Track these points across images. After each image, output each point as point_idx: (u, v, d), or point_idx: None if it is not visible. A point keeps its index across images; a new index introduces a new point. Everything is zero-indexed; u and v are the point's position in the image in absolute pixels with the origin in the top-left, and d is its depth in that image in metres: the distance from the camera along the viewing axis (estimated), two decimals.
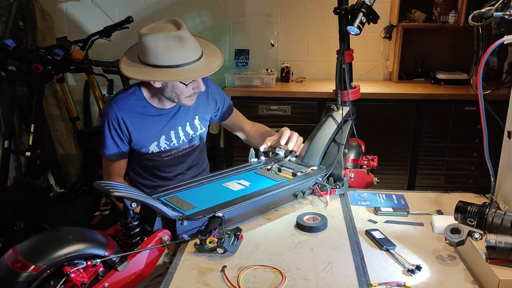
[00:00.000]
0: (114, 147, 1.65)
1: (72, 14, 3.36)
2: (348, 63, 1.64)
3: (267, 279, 1.01)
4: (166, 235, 1.17)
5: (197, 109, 1.76)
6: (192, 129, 1.76)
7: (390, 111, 2.84)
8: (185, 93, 1.58)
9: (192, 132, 1.76)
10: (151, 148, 1.68)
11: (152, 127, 1.66)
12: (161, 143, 1.70)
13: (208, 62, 1.58)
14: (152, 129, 1.67)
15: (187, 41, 1.50)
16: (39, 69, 2.49)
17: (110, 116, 1.62)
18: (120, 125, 1.63)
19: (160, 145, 1.70)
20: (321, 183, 1.45)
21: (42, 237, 1.15)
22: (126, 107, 1.63)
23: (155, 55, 1.49)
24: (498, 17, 1.17)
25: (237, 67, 3.24)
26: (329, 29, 3.22)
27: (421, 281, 1.01)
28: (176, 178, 1.79)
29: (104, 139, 1.65)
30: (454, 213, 1.11)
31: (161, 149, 1.70)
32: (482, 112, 1.19)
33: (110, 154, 1.66)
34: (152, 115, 1.66)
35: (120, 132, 1.64)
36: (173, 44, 1.48)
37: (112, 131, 1.63)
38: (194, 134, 1.77)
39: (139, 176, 1.80)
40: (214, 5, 3.26)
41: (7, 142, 2.58)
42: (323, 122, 1.66)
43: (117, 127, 1.63)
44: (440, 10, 2.99)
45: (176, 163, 1.78)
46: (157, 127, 1.67)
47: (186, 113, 1.73)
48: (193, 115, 1.76)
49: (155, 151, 1.69)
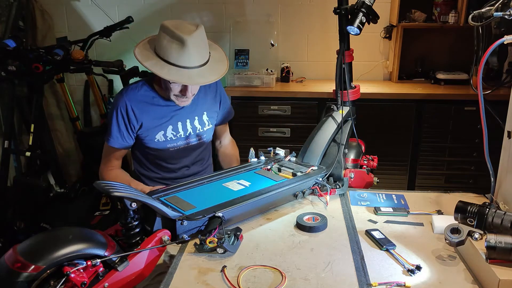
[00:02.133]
0: (119, 136, 1.68)
1: (72, 14, 3.35)
2: (348, 63, 1.64)
3: (267, 279, 1.01)
4: (166, 235, 1.17)
5: (206, 105, 1.80)
6: (200, 124, 1.79)
7: (390, 111, 2.84)
8: (172, 90, 1.61)
9: (200, 126, 1.79)
10: (157, 137, 1.71)
11: (160, 116, 1.70)
12: (168, 133, 1.72)
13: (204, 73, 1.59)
14: (160, 118, 1.70)
15: (187, 46, 1.52)
16: (39, 69, 2.48)
17: (120, 105, 1.66)
18: (128, 113, 1.66)
19: (167, 134, 1.72)
20: (321, 183, 1.45)
21: (42, 237, 1.15)
22: (136, 97, 1.68)
23: (160, 45, 1.56)
24: (498, 17, 1.17)
25: (237, 67, 3.23)
26: (329, 29, 3.22)
27: (421, 281, 1.01)
28: (179, 171, 1.80)
29: (110, 127, 1.69)
30: (454, 213, 1.11)
31: (167, 138, 1.73)
32: (482, 112, 1.19)
33: (113, 142, 1.70)
34: (160, 105, 1.70)
35: (127, 121, 1.67)
36: (175, 43, 1.52)
37: (120, 119, 1.66)
38: (202, 129, 1.80)
39: (143, 168, 1.81)
40: (214, 5, 3.26)
41: (7, 142, 2.57)
42: (323, 122, 1.66)
43: (125, 115, 1.66)
44: (440, 10, 2.98)
45: (181, 156, 1.79)
46: (164, 117, 1.71)
47: (195, 108, 1.76)
48: (202, 110, 1.79)
49: (161, 140, 1.72)
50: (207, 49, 1.62)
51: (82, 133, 3.03)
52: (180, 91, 1.61)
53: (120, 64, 2.82)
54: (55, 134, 3.31)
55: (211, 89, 1.81)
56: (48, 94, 3.22)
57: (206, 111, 1.80)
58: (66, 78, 3.17)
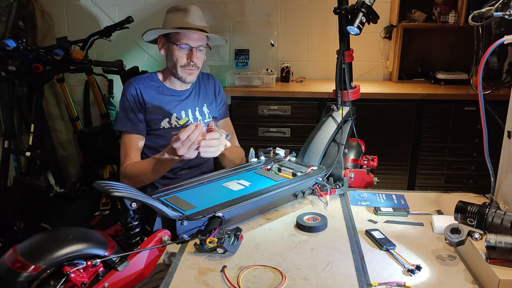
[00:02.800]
0: (133, 119, 1.74)
1: (72, 14, 3.36)
2: (348, 63, 1.64)
3: (267, 279, 1.01)
4: (166, 235, 1.17)
5: (205, 98, 1.90)
6: (201, 115, 1.86)
7: (390, 111, 2.84)
8: (179, 60, 1.72)
9: (201, 117, 1.86)
10: (162, 124, 1.78)
11: (165, 104, 1.79)
12: (172, 120, 1.80)
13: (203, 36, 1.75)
14: (165, 106, 1.79)
15: (189, 12, 1.73)
16: (39, 69, 2.49)
17: (130, 89, 1.77)
18: (137, 95, 1.76)
19: (171, 122, 1.79)
20: (321, 183, 1.45)
21: (42, 237, 1.15)
22: (143, 84, 1.79)
23: (165, 22, 1.77)
24: (498, 17, 1.17)
25: (237, 67, 3.24)
26: (329, 29, 3.22)
27: (421, 281, 1.01)
28: (182, 161, 1.80)
29: (123, 115, 1.75)
30: (454, 213, 1.11)
31: (171, 125, 1.79)
32: (482, 112, 1.19)
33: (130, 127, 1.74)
34: (165, 94, 1.81)
35: (137, 103, 1.76)
36: (179, 11, 1.74)
37: (131, 102, 1.75)
38: (202, 120, 1.86)
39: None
40: (214, 5, 3.26)
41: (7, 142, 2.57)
42: (323, 122, 1.66)
43: (135, 95, 1.76)
44: (440, 10, 2.99)
45: None
46: (169, 105, 1.80)
47: (197, 98, 1.87)
48: (202, 102, 1.89)
49: (166, 127, 1.78)
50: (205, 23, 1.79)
51: (82, 133, 3.03)
52: (187, 58, 1.72)
53: (120, 64, 2.82)
54: (55, 134, 3.31)
55: (210, 84, 1.94)
56: (48, 94, 3.22)
57: (206, 104, 1.89)
58: (66, 78, 3.17)
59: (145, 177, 1.63)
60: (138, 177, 1.64)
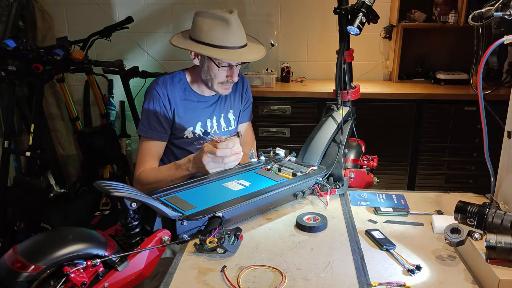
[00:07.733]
0: (158, 124, 1.65)
1: (72, 14, 3.36)
2: (348, 63, 1.64)
3: (267, 279, 1.01)
4: (166, 235, 1.17)
5: (232, 103, 1.81)
6: (225, 122, 1.80)
7: (390, 111, 2.84)
8: (218, 77, 1.63)
9: (225, 125, 1.80)
10: (186, 133, 1.72)
11: (191, 111, 1.71)
12: (197, 129, 1.73)
13: (250, 52, 1.62)
14: (191, 113, 1.71)
15: (232, 25, 1.55)
16: (39, 69, 2.49)
17: (157, 90, 1.65)
18: (164, 98, 1.65)
19: (195, 131, 1.73)
20: (321, 183, 1.45)
21: (42, 237, 1.15)
22: (169, 86, 1.68)
23: (200, 30, 1.57)
24: (498, 17, 1.17)
25: None
26: (329, 29, 3.22)
27: (421, 281, 1.01)
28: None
29: (146, 119, 1.65)
30: (454, 213, 1.11)
31: (195, 135, 1.73)
32: (482, 112, 1.19)
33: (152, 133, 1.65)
34: (191, 100, 1.72)
35: (164, 107, 1.65)
36: (219, 24, 1.54)
37: (156, 104, 1.65)
38: (226, 128, 1.81)
39: None
40: (214, 5, 3.25)
41: (7, 142, 2.57)
42: (323, 122, 1.66)
43: (162, 98, 1.65)
44: (440, 10, 2.99)
45: None
46: (195, 112, 1.72)
47: (223, 105, 1.79)
48: (229, 107, 1.81)
49: (190, 136, 1.72)
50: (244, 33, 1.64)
51: (82, 133, 3.03)
52: (226, 75, 1.63)
53: (120, 64, 2.82)
54: (55, 134, 3.31)
55: (238, 85, 1.82)
56: (48, 94, 3.22)
57: (232, 109, 1.82)
58: (66, 78, 3.17)
59: (159, 185, 1.56)
60: (152, 184, 1.58)
